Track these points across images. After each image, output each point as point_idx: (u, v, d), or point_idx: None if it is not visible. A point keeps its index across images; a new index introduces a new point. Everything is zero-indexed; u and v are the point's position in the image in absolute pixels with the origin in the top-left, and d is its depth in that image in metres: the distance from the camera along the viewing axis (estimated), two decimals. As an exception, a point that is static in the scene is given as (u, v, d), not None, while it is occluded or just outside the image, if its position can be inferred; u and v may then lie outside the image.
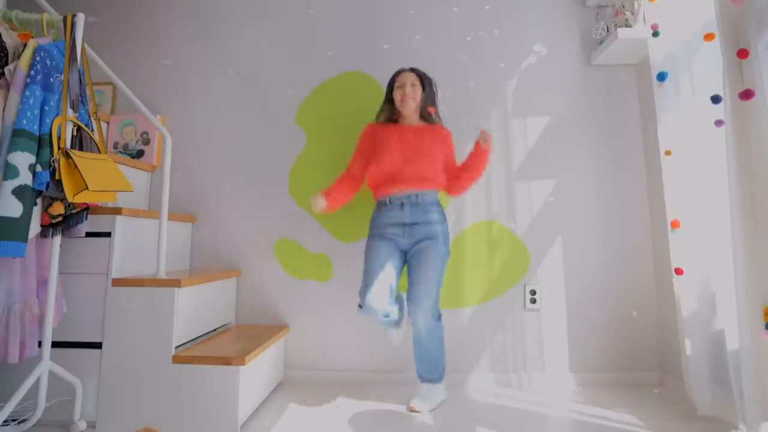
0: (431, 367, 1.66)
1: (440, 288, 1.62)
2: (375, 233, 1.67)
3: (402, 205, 1.62)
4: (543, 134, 2.04)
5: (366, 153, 1.72)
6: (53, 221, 1.35)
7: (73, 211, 1.39)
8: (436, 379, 1.66)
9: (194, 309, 1.60)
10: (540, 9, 2.12)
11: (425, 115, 1.73)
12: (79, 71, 1.40)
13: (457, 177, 1.69)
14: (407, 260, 1.66)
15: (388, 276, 1.58)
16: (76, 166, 1.28)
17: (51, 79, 1.32)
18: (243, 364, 1.40)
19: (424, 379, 1.67)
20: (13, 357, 1.29)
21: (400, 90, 1.68)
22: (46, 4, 1.66)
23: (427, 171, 1.63)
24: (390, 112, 1.74)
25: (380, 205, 1.69)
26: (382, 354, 1.92)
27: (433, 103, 1.73)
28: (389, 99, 1.73)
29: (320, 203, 1.63)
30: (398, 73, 1.72)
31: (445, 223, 1.67)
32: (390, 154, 1.63)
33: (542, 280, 1.96)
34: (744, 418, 1.26)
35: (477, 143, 1.65)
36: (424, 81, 1.69)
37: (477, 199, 2.00)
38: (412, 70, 1.71)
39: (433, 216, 1.63)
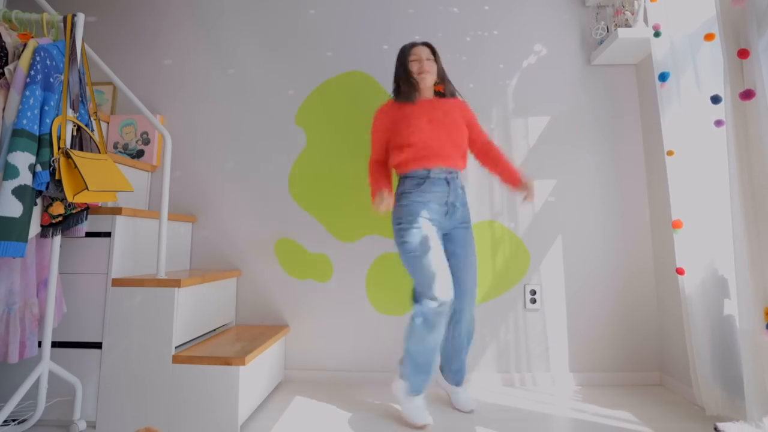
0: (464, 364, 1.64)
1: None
2: (416, 212, 1.49)
3: (447, 180, 1.53)
4: (543, 134, 2.04)
5: (386, 134, 1.60)
6: (53, 221, 1.35)
7: (73, 211, 1.39)
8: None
9: (194, 309, 1.60)
10: (540, 9, 2.12)
11: (446, 92, 1.65)
12: (79, 71, 1.40)
13: (493, 159, 1.65)
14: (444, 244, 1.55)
15: (444, 261, 1.47)
16: (76, 166, 1.28)
17: (51, 79, 1.32)
18: (243, 364, 1.40)
19: (460, 382, 1.66)
20: (13, 357, 1.28)
21: (416, 63, 1.59)
22: (46, 4, 1.67)
23: (463, 148, 1.58)
24: (409, 88, 1.58)
25: (416, 180, 1.53)
26: (383, 354, 1.92)
27: (444, 80, 1.65)
28: (405, 75, 1.60)
29: (387, 201, 1.46)
30: (411, 45, 1.63)
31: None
32: (421, 127, 1.52)
33: (542, 279, 1.96)
34: (748, 414, 1.26)
35: (521, 182, 1.58)
36: (437, 56, 1.63)
37: (479, 200, 2.00)
38: (426, 44, 1.63)
39: (466, 199, 1.61)
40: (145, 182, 2.03)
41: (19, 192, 1.21)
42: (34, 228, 1.29)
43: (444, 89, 1.65)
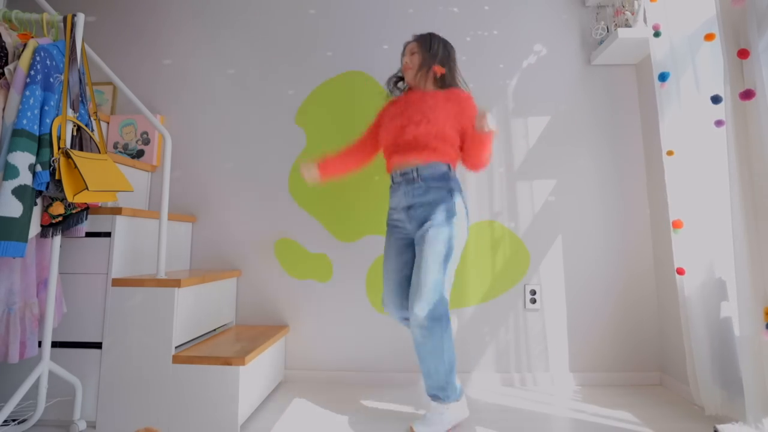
0: (432, 380, 1.39)
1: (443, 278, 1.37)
2: (389, 217, 1.57)
3: (406, 182, 1.47)
4: (543, 134, 2.04)
5: (376, 125, 1.64)
6: (53, 221, 1.35)
7: (73, 211, 1.39)
8: (443, 397, 1.39)
9: (194, 309, 1.60)
10: (540, 9, 2.12)
11: (445, 81, 1.56)
12: (79, 71, 1.40)
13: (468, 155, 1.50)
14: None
15: (399, 273, 1.50)
16: (76, 166, 1.28)
17: (51, 79, 1.32)
18: (243, 364, 1.40)
19: (430, 396, 1.42)
20: (14, 357, 1.28)
21: (404, 60, 1.60)
22: (46, 4, 1.67)
23: (426, 137, 1.43)
24: (399, 83, 1.67)
25: (391, 184, 1.56)
26: (383, 354, 1.92)
27: (434, 64, 1.53)
28: (398, 72, 1.67)
29: (312, 173, 1.57)
30: (406, 43, 1.62)
31: (454, 198, 1.43)
32: (389, 120, 1.54)
33: (542, 280, 1.96)
34: (747, 415, 1.26)
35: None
36: (424, 46, 1.54)
37: (479, 199, 2.00)
38: (416, 37, 1.58)
39: (434, 195, 1.43)
40: (145, 182, 2.03)
41: (19, 192, 1.21)
42: (34, 228, 1.29)
43: (445, 76, 1.55)
